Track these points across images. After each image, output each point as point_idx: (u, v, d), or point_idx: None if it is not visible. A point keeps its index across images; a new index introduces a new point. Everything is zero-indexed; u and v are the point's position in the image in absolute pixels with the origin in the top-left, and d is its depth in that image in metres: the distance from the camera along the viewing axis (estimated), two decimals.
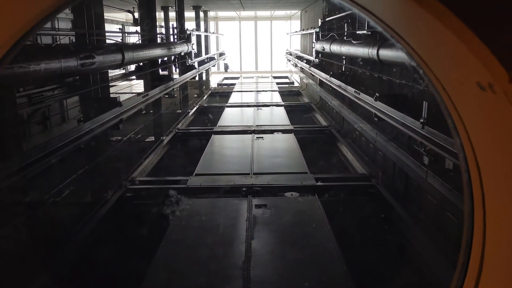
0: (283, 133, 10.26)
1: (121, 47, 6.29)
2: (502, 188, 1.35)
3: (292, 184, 6.62)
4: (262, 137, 9.78)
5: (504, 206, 1.36)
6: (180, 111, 14.70)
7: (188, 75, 13.17)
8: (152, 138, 10.70)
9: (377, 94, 6.63)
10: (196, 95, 18.52)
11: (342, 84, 9.25)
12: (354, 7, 1.72)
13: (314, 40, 17.32)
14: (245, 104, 14.57)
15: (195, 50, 17.14)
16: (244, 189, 6.48)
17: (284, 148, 8.98)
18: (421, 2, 1.26)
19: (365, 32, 8.78)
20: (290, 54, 25.10)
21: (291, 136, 9.82)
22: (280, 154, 8.44)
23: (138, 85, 16.62)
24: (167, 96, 15.87)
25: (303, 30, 19.92)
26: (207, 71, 20.64)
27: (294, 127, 10.61)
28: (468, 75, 1.32)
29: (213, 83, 23.77)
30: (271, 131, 10.35)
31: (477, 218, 1.51)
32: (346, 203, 6.56)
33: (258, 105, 14.23)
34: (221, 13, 26.33)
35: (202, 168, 7.38)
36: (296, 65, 20.61)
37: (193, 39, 14.32)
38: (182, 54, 12.10)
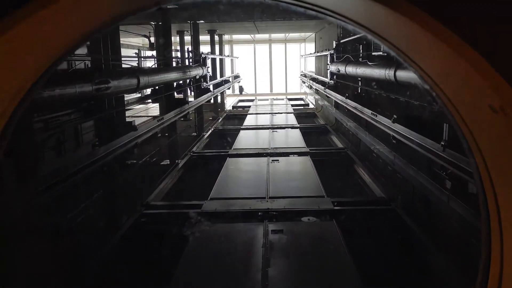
0: (298, 155, 10.13)
1: (137, 71, 6.32)
2: None
3: (309, 208, 6.47)
4: (278, 160, 9.67)
5: None
6: (195, 134, 14.72)
7: (203, 98, 13.22)
8: (167, 162, 10.69)
9: (394, 116, 6.50)
10: (211, 118, 18.57)
11: (358, 106, 9.14)
12: (367, 32, 1.74)
13: (328, 62, 17.33)
14: (260, 126, 14.53)
15: (210, 73, 17.29)
16: (259, 213, 6.35)
17: (300, 171, 8.85)
18: (432, 28, 1.30)
19: (380, 53, 8.71)
20: (305, 76, 25.16)
21: (307, 159, 9.70)
22: (296, 177, 8.30)
23: (154, 109, 16.78)
24: (182, 119, 16.01)
25: (317, 52, 19.98)
26: (222, 94, 20.78)
27: (310, 150, 10.48)
28: (480, 98, 1.38)
29: (228, 106, 23.88)
30: (287, 154, 10.24)
31: (494, 237, 1.52)
32: (364, 227, 6.38)
33: (273, 127, 14.17)
34: (236, 36, 26.66)
35: (217, 192, 7.28)
36: (311, 87, 20.61)
37: (208, 62, 14.45)
38: (197, 77, 12.17)
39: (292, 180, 8.04)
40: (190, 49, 14.08)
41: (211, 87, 15.65)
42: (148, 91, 13.39)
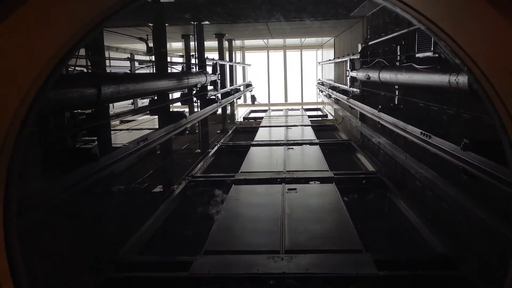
0: (321, 182, 8.18)
1: (98, 78, 4.47)
2: None
3: (343, 273, 4.51)
4: (295, 189, 7.74)
5: None
6: (199, 150, 12.88)
7: (207, 110, 11.38)
8: (161, 188, 8.85)
9: (466, 141, 4.53)
10: (219, 131, 16.73)
11: (399, 123, 7.17)
12: (396, 4, 1.71)
13: (348, 68, 15.47)
14: (274, 142, 12.60)
15: (219, 80, 15.52)
16: (271, 281, 4.42)
17: (325, 207, 6.88)
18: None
19: (429, 55, 6.75)
20: (322, 84, 23.26)
21: (331, 188, 7.74)
22: (320, 217, 6.32)
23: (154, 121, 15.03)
24: (187, 132, 14.20)
25: (337, 57, 18.05)
26: (232, 104, 18.95)
27: (335, 174, 8.51)
28: None
29: (239, 117, 22.05)
30: (306, 180, 8.30)
31: None
32: None
33: (289, 143, 12.24)
34: (248, 42, 24.87)
35: (214, 243, 5.35)
36: (329, 96, 18.66)
37: (209, 69, 12.64)
38: (199, 86, 10.34)
39: (315, 222, 6.07)
40: (192, 54, 12.25)
41: (219, 96, 13.85)
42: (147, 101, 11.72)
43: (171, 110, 8.94)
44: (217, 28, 15.16)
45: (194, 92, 11.87)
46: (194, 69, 12.83)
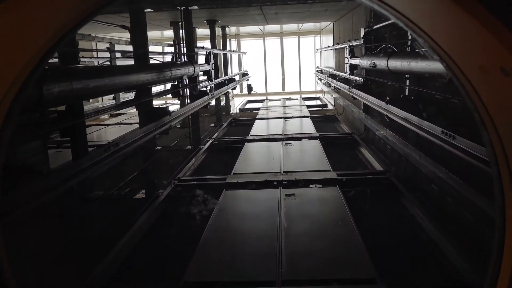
0: (323, 185, 7.26)
1: (42, 75, 3.51)
2: None
3: None
4: (294, 195, 6.82)
5: None
6: (190, 147, 11.93)
7: (196, 104, 10.39)
8: (144, 193, 7.92)
9: None
10: (213, 124, 15.76)
11: (413, 118, 6.21)
12: (373, 1, 1.76)
13: (347, 55, 14.50)
14: (271, 137, 11.64)
15: (213, 70, 14.54)
16: None
17: (328, 217, 5.96)
18: None
19: None
20: (321, 72, 22.23)
21: (335, 193, 6.82)
22: (323, 232, 5.39)
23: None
24: (178, 126, 13.25)
25: (337, 44, 16.99)
26: (227, 95, 17.94)
27: (338, 175, 7.58)
28: (492, 61, 1.35)
29: (235, 108, 21.06)
30: (306, 183, 7.37)
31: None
32: None
33: (287, 138, 11.29)
34: (243, 29, 23.73)
35: (195, 272, 4.43)
36: (329, 85, 17.65)
37: (202, 59, 11.59)
38: (187, 77, 9.34)
39: (317, 239, 5.14)
40: (179, 42, 11.17)
41: (212, 88, 12.87)
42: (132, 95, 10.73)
43: (155, 106, 7.95)
44: (208, 13, 14.09)
45: (183, 84, 10.88)
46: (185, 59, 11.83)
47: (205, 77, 14.89)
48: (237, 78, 20.64)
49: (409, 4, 1.62)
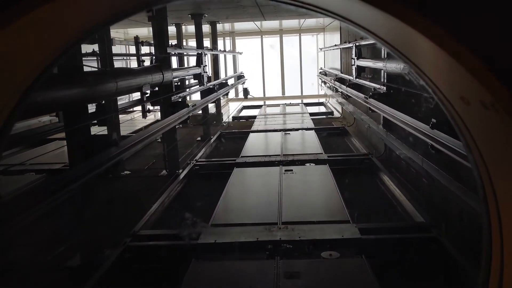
0: (340, 252, 4.86)
1: None
2: None
3: None
4: (298, 274, 4.42)
5: None
6: (166, 172, 9.53)
7: (169, 120, 7.97)
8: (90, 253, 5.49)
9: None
10: (199, 138, 13.35)
11: None
12: (368, 34, 1.85)
13: (354, 56, 12.23)
14: (266, 159, 9.20)
15: (205, 73, 12.25)
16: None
17: None
18: (422, 28, 1.34)
19: None
20: (325, 75, 19.84)
21: (361, 265, 4.42)
22: None
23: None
24: (159, 140, 10.88)
25: (345, 42, 14.57)
26: (219, 101, 15.52)
27: (362, 233, 5.17)
28: (472, 94, 1.42)
29: (230, 114, 18.66)
30: (313, 244, 5.00)
31: (494, 233, 1.52)
32: None
33: (287, 161, 8.88)
34: (238, 26, 21.26)
35: None
36: (336, 90, 15.26)
37: (172, 62, 9.15)
38: (150, 86, 6.92)
39: None
40: (141, 41, 8.70)
41: (197, 95, 10.50)
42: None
43: (97, 132, 5.55)
44: (191, 6, 11.67)
45: (158, 94, 8.49)
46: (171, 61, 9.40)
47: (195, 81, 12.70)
48: (231, 81, 18.26)
49: (394, 37, 1.65)
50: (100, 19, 1.85)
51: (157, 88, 7.93)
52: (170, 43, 9.17)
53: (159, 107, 9.02)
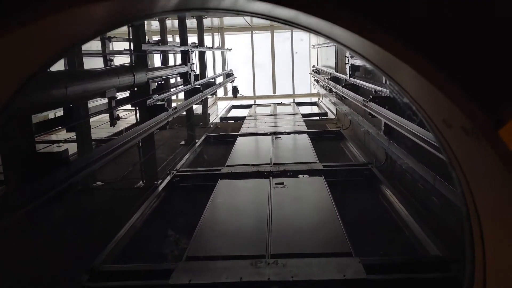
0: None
1: None
2: (499, 226, 1.39)
3: None
4: None
5: (502, 241, 1.38)
6: (142, 184, 8.57)
7: (145, 126, 7.00)
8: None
9: None
10: (183, 142, 12.38)
11: None
12: (352, 52, 1.94)
13: (348, 54, 11.43)
14: (255, 168, 8.26)
15: (192, 72, 11.35)
16: None
17: None
18: (402, 55, 1.40)
19: None
20: (318, 73, 18.95)
21: None
22: None
23: None
24: (141, 144, 9.88)
25: None
26: (206, 101, 14.52)
27: (365, 268, 4.28)
28: (453, 119, 1.45)
29: (218, 114, 17.68)
30: (311, 287, 4.09)
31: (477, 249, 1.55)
32: None
33: (277, 172, 7.96)
34: (227, 21, 20.23)
35: None
36: (330, 90, 14.36)
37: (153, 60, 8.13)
38: (129, 89, 5.94)
39: None
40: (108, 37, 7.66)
41: (181, 95, 9.54)
42: None
43: (45, 149, 4.56)
44: None
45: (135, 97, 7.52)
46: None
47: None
48: (220, 79, 17.29)
49: (381, 60, 1.67)
50: (77, 38, 1.88)
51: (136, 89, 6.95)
52: (147, 39, 8.15)
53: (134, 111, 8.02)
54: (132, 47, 7.54)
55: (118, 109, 7.63)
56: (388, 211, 6.43)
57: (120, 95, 12.11)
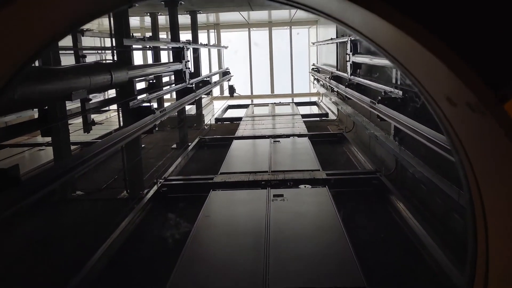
0: None
1: None
2: (501, 205, 1.34)
3: None
4: None
5: (503, 219, 1.33)
6: (126, 194, 7.75)
7: (128, 131, 6.19)
8: None
9: None
10: (175, 145, 11.57)
11: None
12: (362, 37, 1.85)
13: (349, 51, 10.72)
14: (251, 178, 7.47)
15: (187, 69, 10.61)
16: None
17: None
18: (407, 28, 1.32)
19: None
20: (318, 71, 18.15)
21: None
22: None
23: None
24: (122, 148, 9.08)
25: (342, 36, 12.84)
26: (200, 101, 13.71)
27: None
28: (458, 96, 1.38)
29: (214, 115, 16.89)
30: None
31: (479, 224, 1.51)
32: None
33: (276, 181, 7.18)
34: (223, 18, 19.40)
35: None
36: (332, 90, 13.57)
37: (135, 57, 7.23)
38: (105, 89, 5.13)
39: None
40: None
41: (172, 95, 8.73)
42: None
43: None
44: None
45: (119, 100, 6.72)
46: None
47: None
48: (215, 78, 16.48)
49: (381, 35, 1.60)
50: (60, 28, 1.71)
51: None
52: (132, 34, 7.34)
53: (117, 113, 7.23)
54: (113, 43, 6.73)
55: (110, 110, 6.84)
56: (402, 230, 5.63)
57: (113, 95, 11.31)
